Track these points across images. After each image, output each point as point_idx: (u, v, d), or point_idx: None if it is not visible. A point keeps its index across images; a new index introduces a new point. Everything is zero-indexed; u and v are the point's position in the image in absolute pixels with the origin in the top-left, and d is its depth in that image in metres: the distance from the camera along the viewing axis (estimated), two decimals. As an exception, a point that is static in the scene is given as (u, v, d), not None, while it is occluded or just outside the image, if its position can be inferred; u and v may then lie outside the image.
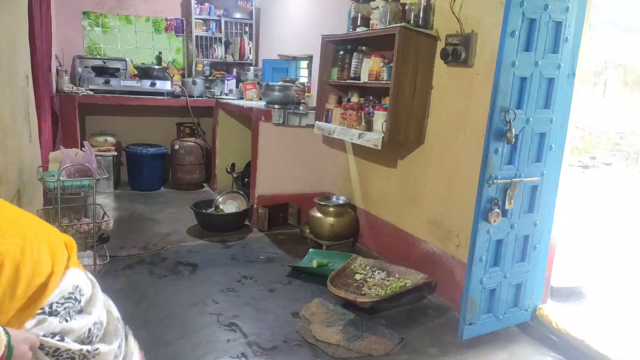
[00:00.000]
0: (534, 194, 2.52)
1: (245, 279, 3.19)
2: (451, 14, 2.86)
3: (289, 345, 2.43)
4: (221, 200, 4.40)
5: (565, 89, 2.45)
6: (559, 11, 2.31)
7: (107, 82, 5.06)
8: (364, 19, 3.43)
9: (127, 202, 4.90)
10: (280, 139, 4.19)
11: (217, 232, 4.07)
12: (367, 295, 2.83)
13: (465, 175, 2.85)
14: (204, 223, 4.19)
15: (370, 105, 3.54)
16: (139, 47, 5.82)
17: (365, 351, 2.38)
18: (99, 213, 2.95)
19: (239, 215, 4.20)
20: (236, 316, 2.69)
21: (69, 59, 5.38)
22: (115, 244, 3.61)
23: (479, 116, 2.74)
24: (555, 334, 2.54)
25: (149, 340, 2.39)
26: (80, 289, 1.01)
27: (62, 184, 2.67)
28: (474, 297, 2.46)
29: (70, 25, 5.42)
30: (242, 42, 6.00)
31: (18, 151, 2.68)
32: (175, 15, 5.93)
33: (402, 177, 3.44)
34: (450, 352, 2.44)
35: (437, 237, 3.11)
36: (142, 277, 3.13)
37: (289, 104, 4.24)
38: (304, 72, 5.35)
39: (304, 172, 4.36)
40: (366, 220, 3.91)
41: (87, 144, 2.96)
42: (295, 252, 3.73)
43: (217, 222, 4.16)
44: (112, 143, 5.29)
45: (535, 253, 2.61)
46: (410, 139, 3.17)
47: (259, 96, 4.98)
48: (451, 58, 2.83)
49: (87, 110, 5.40)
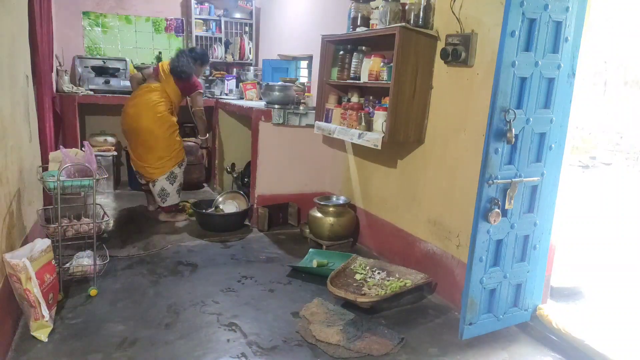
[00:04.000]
0: (534, 194, 2.52)
1: (245, 279, 3.19)
2: (451, 14, 2.86)
3: (288, 345, 2.43)
4: (221, 200, 4.40)
5: (565, 89, 2.45)
6: (559, 11, 2.31)
7: (107, 82, 5.07)
8: (364, 19, 3.43)
9: (127, 202, 4.89)
10: (280, 139, 4.19)
11: (216, 232, 4.08)
12: (367, 295, 2.82)
13: (465, 175, 2.85)
14: (204, 223, 4.19)
15: (370, 105, 3.54)
16: (139, 47, 5.82)
17: (365, 351, 2.38)
18: (99, 213, 2.95)
19: (239, 215, 4.20)
20: (236, 316, 2.69)
21: (69, 59, 5.38)
22: (115, 244, 3.61)
23: (479, 116, 2.74)
24: (555, 334, 2.55)
25: (149, 340, 2.40)
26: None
27: (62, 184, 2.67)
28: (474, 297, 2.46)
29: (70, 25, 5.43)
30: (242, 42, 6.00)
31: (18, 151, 2.68)
32: (175, 15, 5.93)
33: (402, 177, 3.44)
34: (450, 352, 2.44)
35: (437, 237, 3.11)
36: (142, 277, 3.13)
37: (289, 104, 4.24)
38: (304, 72, 5.35)
39: (304, 172, 4.36)
40: (366, 220, 3.91)
41: (87, 144, 2.96)
42: (295, 252, 3.73)
43: (217, 222, 4.16)
44: (112, 143, 5.29)
45: (535, 253, 2.61)
46: (410, 139, 3.17)
47: (259, 96, 4.98)
48: (451, 58, 2.83)
49: (87, 110, 5.41)
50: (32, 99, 3.27)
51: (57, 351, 2.26)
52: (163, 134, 4.07)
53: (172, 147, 4.15)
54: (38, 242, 2.44)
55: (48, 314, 2.34)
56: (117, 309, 2.69)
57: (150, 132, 4.03)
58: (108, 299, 2.80)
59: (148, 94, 4.10)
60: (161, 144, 4.08)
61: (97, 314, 2.62)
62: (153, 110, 4.04)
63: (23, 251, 2.34)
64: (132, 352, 2.29)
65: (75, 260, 2.95)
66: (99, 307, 2.70)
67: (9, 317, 2.30)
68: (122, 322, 2.55)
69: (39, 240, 2.46)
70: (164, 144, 4.09)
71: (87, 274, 2.93)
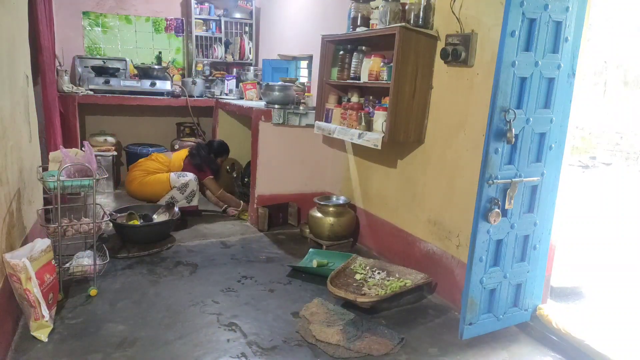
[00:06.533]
0: (534, 194, 2.52)
1: (245, 279, 3.19)
2: (451, 13, 2.86)
3: (288, 345, 2.43)
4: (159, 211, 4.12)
5: (565, 89, 2.45)
6: (559, 11, 2.30)
7: (107, 82, 5.06)
8: (364, 18, 3.43)
9: (127, 202, 4.88)
10: (280, 139, 4.19)
11: (139, 244, 3.61)
12: (367, 295, 2.82)
13: (465, 175, 2.85)
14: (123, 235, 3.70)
15: (370, 105, 3.54)
16: (139, 47, 5.82)
17: (365, 351, 2.38)
18: (99, 213, 2.95)
19: (161, 225, 3.79)
20: (236, 316, 2.69)
21: (69, 59, 5.38)
22: (115, 244, 3.61)
23: (479, 116, 2.74)
24: (555, 334, 2.55)
25: (149, 340, 2.40)
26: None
27: (62, 184, 2.67)
28: (474, 297, 2.46)
29: (70, 25, 5.42)
30: (242, 42, 6.00)
31: (18, 151, 2.68)
32: (175, 15, 5.93)
33: (402, 177, 3.44)
34: (450, 352, 2.44)
35: (437, 237, 3.11)
36: (142, 277, 3.13)
37: (289, 104, 4.24)
38: (304, 72, 5.35)
39: (304, 172, 4.36)
40: (366, 220, 3.91)
41: (87, 144, 2.95)
42: (295, 252, 3.73)
43: (132, 234, 3.66)
44: (112, 143, 5.29)
45: (535, 253, 2.61)
46: (410, 138, 3.17)
47: (259, 96, 4.98)
48: (451, 58, 2.83)
49: (87, 110, 5.41)
50: (32, 99, 3.27)
51: (57, 351, 2.26)
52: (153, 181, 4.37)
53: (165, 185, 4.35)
54: (38, 242, 2.44)
55: (48, 314, 2.34)
56: (117, 309, 2.69)
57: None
58: (108, 299, 2.80)
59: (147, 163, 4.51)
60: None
61: (97, 314, 2.62)
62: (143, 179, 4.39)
63: (23, 251, 2.34)
64: (132, 352, 2.29)
65: (75, 260, 2.95)
66: (99, 307, 2.70)
67: (9, 317, 2.30)
68: (122, 322, 2.55)
69: (39, 240, 2.46)
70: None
71: (87, 274, 2.93)
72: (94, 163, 2.79)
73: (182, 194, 4.29)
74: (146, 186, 4.33)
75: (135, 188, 4.36)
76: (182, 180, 4.30)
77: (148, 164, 4.48)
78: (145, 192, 4.32)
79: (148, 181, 4.34)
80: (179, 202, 4.28)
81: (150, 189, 4.32)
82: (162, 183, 4.31)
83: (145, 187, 4.33)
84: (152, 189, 4.32)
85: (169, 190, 4.28)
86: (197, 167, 4.48)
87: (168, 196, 4.27)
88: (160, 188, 4.30)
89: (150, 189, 4.32)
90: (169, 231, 3.88)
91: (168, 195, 4.27)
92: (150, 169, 4.43)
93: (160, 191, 4.29)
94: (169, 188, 4.28)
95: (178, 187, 4.28)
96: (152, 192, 4.30)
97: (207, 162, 4.55)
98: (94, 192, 2.78)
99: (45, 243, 2.46)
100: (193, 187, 4.33)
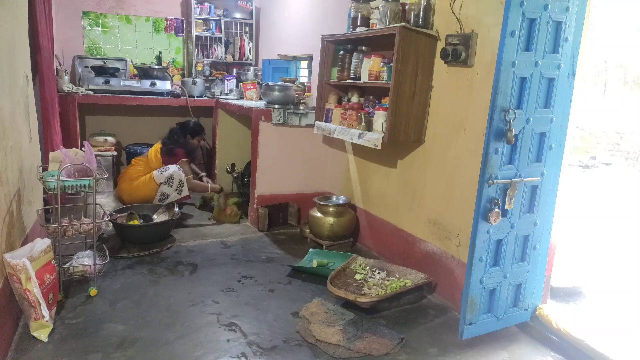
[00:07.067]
0: (534, 194, 2.52)
1: (245, 279, 3.19)
2: (451, 13, 2.86)
3: (288, 345, 2.43)
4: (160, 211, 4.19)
5: (565, 89, 2.45)
6: (559, 11, 2.30)
7: (107, 82, 5.06)
8: (364, 18, 3.43)
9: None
10: (280, 139, 4.19)
11: (138, 244, 3.62)
12: (367, 295, 2.82)
13: (465, 175, 2.85)
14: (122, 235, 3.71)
15: (370, 105, 3.54)
16: (139, 47, 5.82)
17: (365, 351, 2.38)
18: (99, 213, 2.95)
19: (160, 226, 3.81)
20: (236, 316, 2.69)
21: (69, 59, 5.38)
22: (115, 244, 3.61)
23: (479, 116, 2.74)
24: (555, 333, 2.55)
25: (149, 340, 2.40)
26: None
27: (62, 184, 2.67)
28: (474, 297, 2.46)
29: (70, 25, 5.42)
30: (242, 42, 6.00)
31: (18, 151, 2.68)
32: (175, 15, 5.93)
33: (402, 177, 3.44)
34: (450, 352, 2.44)
35: (437, 237, 3.11)
36: (142, 277, 3.13)
37: (289, 104, 4.24)
38: (304, 72, 5.35)
39: (304, 172, 4.36)
40: (366, 220, 3.91)
41: (87, 144, 2.95)
42: (295, 252, 3.73)
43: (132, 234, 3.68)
44: (112, 143, 5.29)
45: (535, 253, 2.61)
46: (410, 138, 3.17)
47: (259, 96, 4.98)
48: (451, 58, 2.83)
49: (87, 110, 5.41)
50: (32, 99, 3.27)
51: (57, 351, 2.26)
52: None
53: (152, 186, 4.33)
54: (38, 242, 2.44)
55: (48, 314, 2.34)
56: (117, 309, 2.69)
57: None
58: (108, 299, 2.80)
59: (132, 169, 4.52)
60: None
61: (97, 314, 2.62)
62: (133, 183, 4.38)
63: (23, 251, 2.34)
64: (132, 352, 2.29)
65: (75, 260, 2.95)
66: (98, 307, 2.70)
67: (9, 317, 2.30)
68: (122, 322, 2.55)
69: (39, 240, 2.46)
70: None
71: (87, 274, 2.93)
72: (94, 163, 2.79)
73: (171, 187, 4.26)
74: (135, 192, 4.31)
75: (127, 198, 4.34)
76: (165, 174, 4.27)
77: (130, 171, 4.47)
78: (137, 198, 4.29)
79: (136, 187, 4.32)
80: (171, 196, 4.25)
81: (140, 193, 4.30)
82: (148, 184, 4.29)
83: (135, 193, 4.31)
84: (141, 193, 4.29)
85: (157, 188, 4.25)
86: (168, 154, 4.47)
87: (159, 194, 4.24)
88: (148, 189, 4.27)
89: (140, 193, 4.30)
90: (169, 231, 3.88)
91: (158, 193, 4.25)
92: (134, 175, 4.41)
93: (149, 192, 4.26)
94: (156, 186, 4.26)
95: (164, 182, 4.25)
96: (143, 196, 4.27)
97: (179, 145, 4.52)
98: (94, 192, 2.78)
99: (45, 243, 2.46)
100: (179, 177, 4.29)
